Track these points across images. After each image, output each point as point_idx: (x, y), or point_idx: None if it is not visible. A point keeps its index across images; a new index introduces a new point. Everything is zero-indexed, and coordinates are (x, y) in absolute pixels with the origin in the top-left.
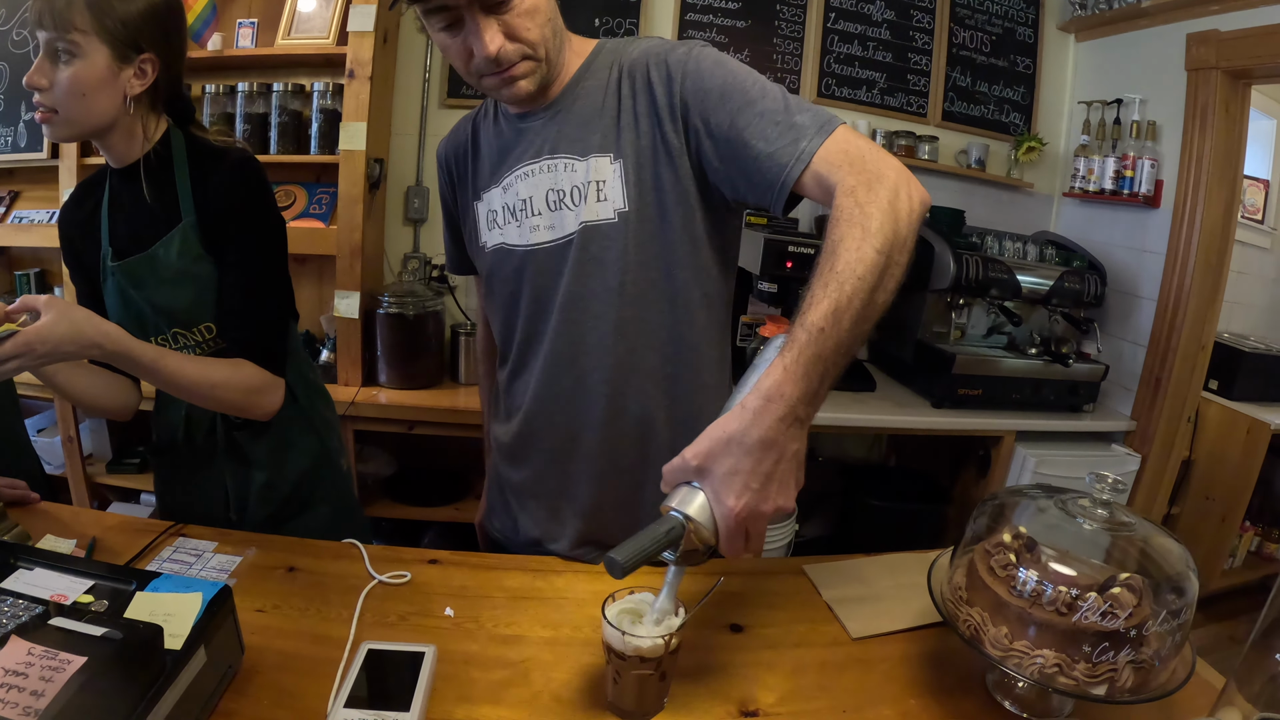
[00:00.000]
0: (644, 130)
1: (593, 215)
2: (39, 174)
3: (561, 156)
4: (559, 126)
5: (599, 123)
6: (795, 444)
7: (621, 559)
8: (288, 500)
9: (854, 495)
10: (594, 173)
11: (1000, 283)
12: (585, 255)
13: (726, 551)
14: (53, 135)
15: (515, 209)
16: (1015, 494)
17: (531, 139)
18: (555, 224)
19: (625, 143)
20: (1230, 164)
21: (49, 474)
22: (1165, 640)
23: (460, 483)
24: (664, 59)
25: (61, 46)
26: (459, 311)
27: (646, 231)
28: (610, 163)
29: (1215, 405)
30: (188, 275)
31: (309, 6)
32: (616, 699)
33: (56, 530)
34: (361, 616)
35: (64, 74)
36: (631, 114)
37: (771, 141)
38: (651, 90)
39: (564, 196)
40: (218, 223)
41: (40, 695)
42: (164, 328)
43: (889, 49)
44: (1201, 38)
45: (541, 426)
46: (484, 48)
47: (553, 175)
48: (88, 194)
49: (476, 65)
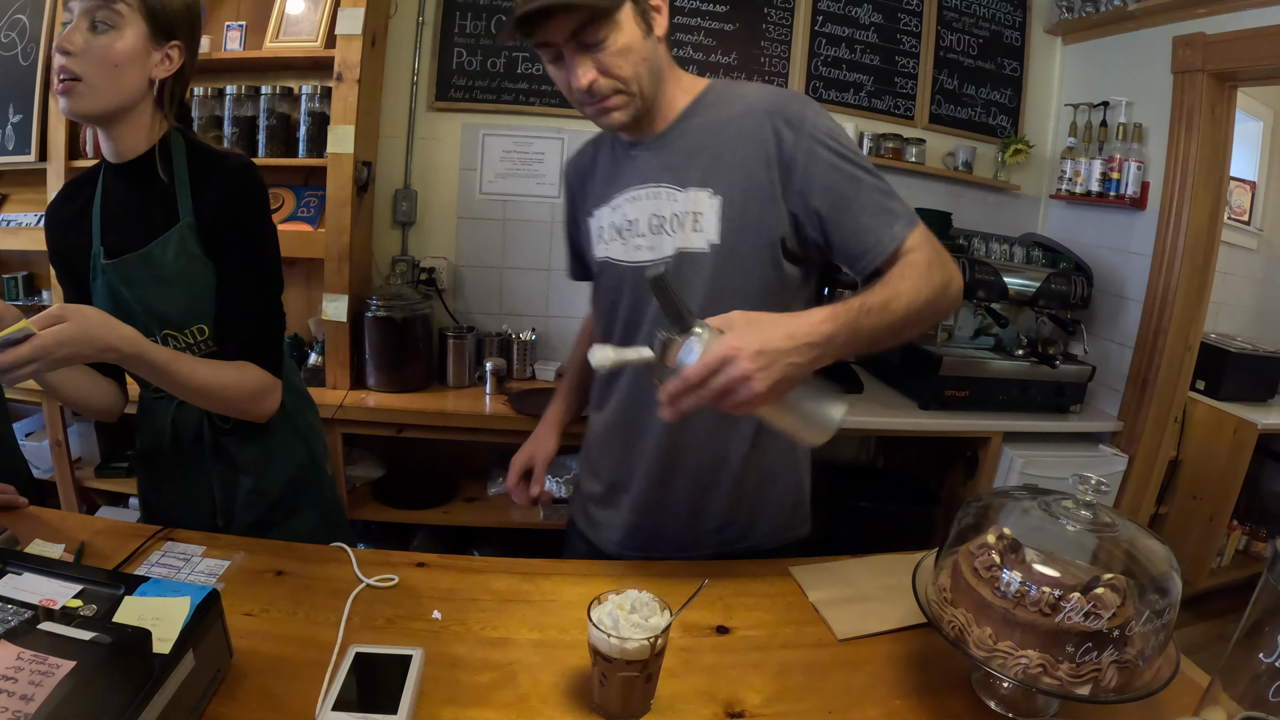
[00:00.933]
0: (747, 174)
1: (686, 243)
2: (27, 177)
3: (665, 185)
4: (665, 158)
5: (702, 158)
6: (801, 359)
7: (653, 274)
8: (274, 506)
9: (842, 496)
10: (692, 204)
11: (987, 284)
12: (677, 279)
13: (690, 374)
14: (73, 107)
15: (621, 228)
16: (1000, 495)
17: (639, 166)
18: (655, 246)
19: (726, 182)
20: (1216, 166)
21: (37, 478)
22: (1149, 640)
23: (449, 486)
24: (780, 111)
25: (102, 16)
26: (447, 315)
27: (732, 265)
28: (709, 197)
29: (1202, 405)
30: (182, 276)
31: (297, 9)
32: (603, 701)
33: (45, 535)
34: (349, 620)
35: (99, 41)
36: (738, 156)
37: (872, 217)
38: (762, 138)
39: (664, 222)
40: (217, 226)
41: (29, 699)
42: (154, 329)
43: (876, 52)
44: (1187, 40)
45: (624, 422)
46: (577, 81)
47: (655, 201)
48: (77, 191)
49: (574, 95)
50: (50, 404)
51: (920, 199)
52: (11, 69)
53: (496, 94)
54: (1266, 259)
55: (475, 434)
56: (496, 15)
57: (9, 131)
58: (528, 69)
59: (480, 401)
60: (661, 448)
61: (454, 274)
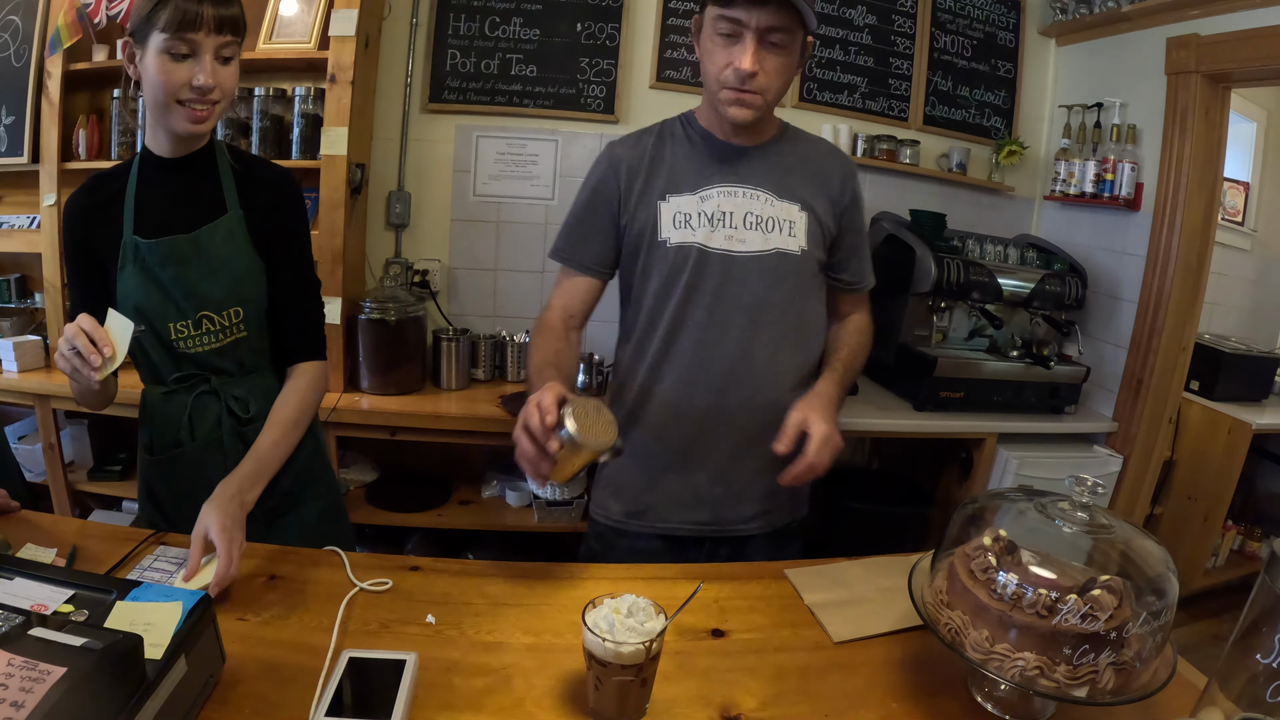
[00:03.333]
0: (825, 201)
1: (783, 244)
2: (19, 179)
3: (763, 191)
4: (767, 167)
5: (796, 176)
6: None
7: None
8: (285, 494)
9: (837, 498)
10: (785, 213)
11: (981, 286)
12: (771, 271)
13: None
14: (207, 127)
15: (713, 217)
16: (995, 497)
17: (739, 167)
18: (747, 240)
19: (812, 203)
20: (1210, 167)
21: (30, 482)
22: (1146, 641)
23: (443, 489)
24: (846, 164)
25: (229, 52)
26: (440, 317)
27: (810, 267)
28: (799, 210)
29: (1197, 406)
30: (227, 262)
31: (290, 11)
32: (598, 705)
33: (37, 539)
34: (343, 624)
35: (229, 71)
36: (820, 185)
37: (862, 263)
38: (836, 179)
39: (760, 221)
40: (266, 227)
41: (20, 706)
42: (190, 312)
43: (870, 54)
44: (1181, 42)
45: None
46: (745, 63)
47: (751, 201)
48: (102, 185)
49: (726, 76)
50: (43, 408)
51: (914, 201)
52: (4, 70)
53: (490, 96)
54: (1260, 260)
55: (469, 437)
56: (490, 17)
57: (1, 133)
58: (521, 71)
59: (474, 404)
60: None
61: (448, 276)
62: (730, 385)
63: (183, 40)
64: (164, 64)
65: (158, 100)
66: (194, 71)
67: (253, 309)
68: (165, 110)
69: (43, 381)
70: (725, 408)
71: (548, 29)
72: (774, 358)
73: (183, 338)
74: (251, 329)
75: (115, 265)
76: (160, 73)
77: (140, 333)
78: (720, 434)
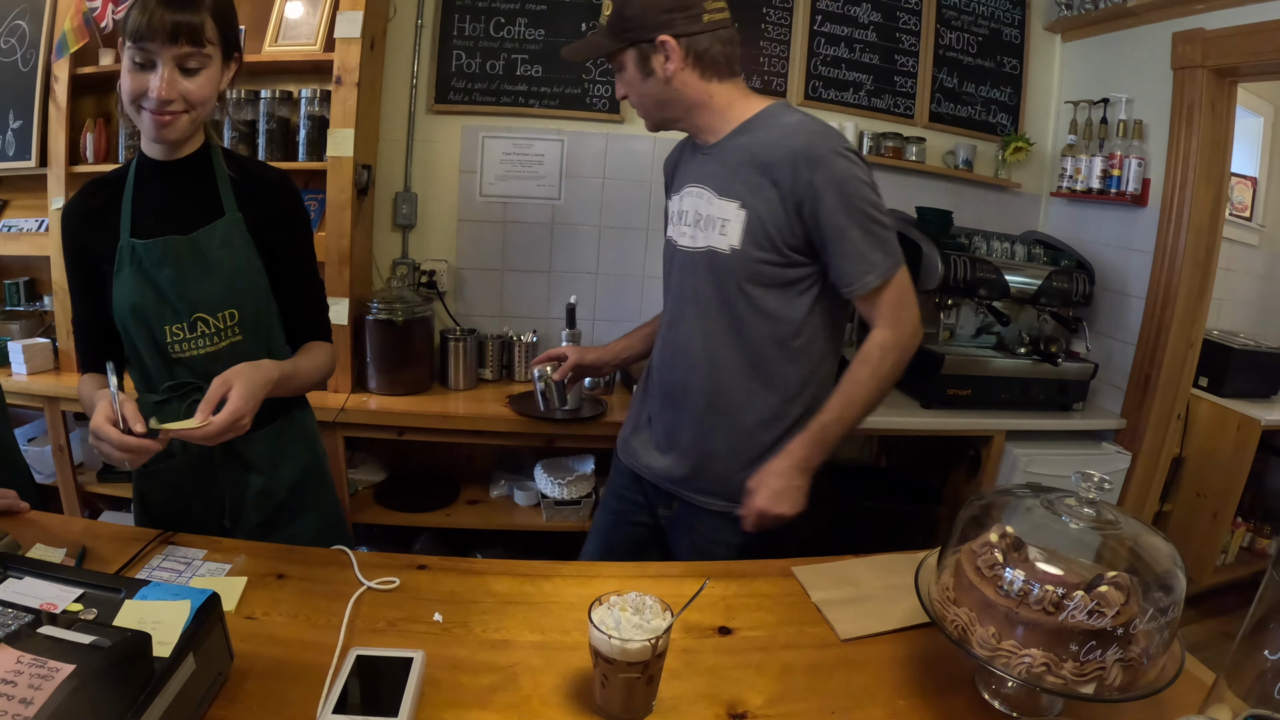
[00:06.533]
0: (767, 198)
1: (713, 242)
2: (27, 183)
3: (708, 190)
4: (712, 167)
5: (739, 174)
6: (800, 480)
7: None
8: (281, 507)
9: (845, 496)
10: (721, 211)
11: (988, 283)
12: (705, 268)
13: (752, 525)
14: (171, 135)
15: (680, 216)
16: (1002, 494)
17: (696, 169)
18: (694, 237)
19: (751, 201)
20: (1217, 162)
21: (39, 483)
22: (1153, 638)
23: (450, 488)
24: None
25: (194, 64)
26: (448, 317)
27: (746, 267)
28: (737, 208)
29: (1205, 402)
30: (224, 264)
31: (296, 13)
32: (605, 703)
33: (46, 539)
34: (350, 623)
35: (195, 82)
36: (763, 181)
37: (853, 264)
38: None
39: (699, 219)
40: (267, 229)
41: (29, 703)
42: (184, 314)
43: (875, 51)
44: (1187, 36)
45: (657, 365)
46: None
47: (699, 200)
48: (99, 189)
49: None
50: (53, 410)
51: (921, 198)
52: (11, 75)
53: (496, 96)
54: (1268, 255)
55: (477, 436)
56: (495, 18)
57: (9, 138)
58: (527, 71)
59: (482, 404)
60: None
61: (455, 276)
62: (679, 368)
63: (140, 49)
64: (128, 72)
65: (126, 107)
66: (152, 81)
67: (248, 312)
68: (136, 117)
69: (52, 384)
70: (677, 386)
71: (553, 29)
72: (708, 349)
73: (177, 340)
74: (246, 333)
75: (112, 269)
76: (125, 80)
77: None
78: (675, 409)
